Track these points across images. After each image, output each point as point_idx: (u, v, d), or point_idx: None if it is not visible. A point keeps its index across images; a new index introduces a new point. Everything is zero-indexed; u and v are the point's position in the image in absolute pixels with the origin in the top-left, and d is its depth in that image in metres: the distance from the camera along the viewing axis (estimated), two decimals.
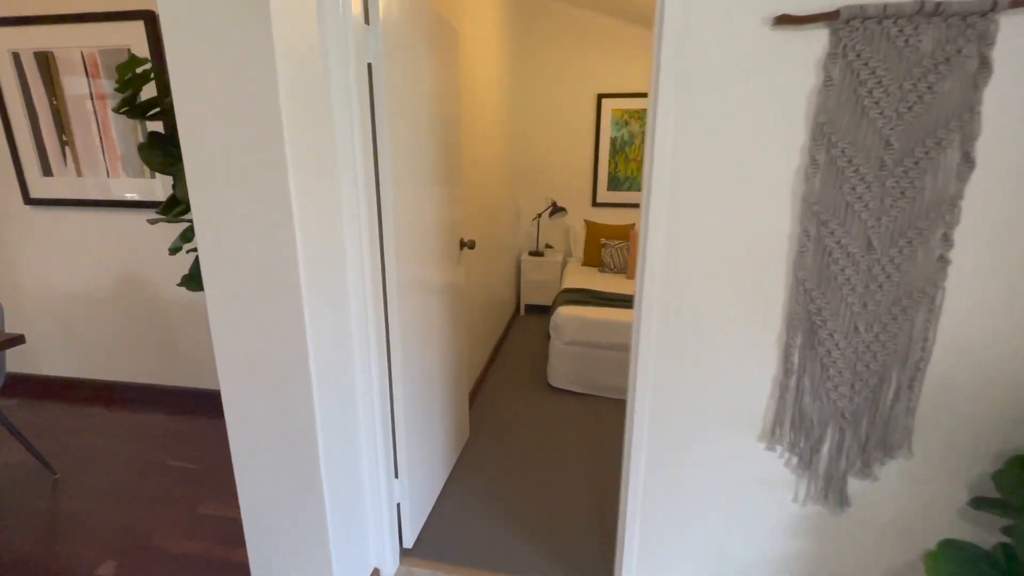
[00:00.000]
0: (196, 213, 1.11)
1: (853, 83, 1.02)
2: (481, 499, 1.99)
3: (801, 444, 1.23)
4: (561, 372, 2.87)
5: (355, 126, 1.24)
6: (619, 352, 2.76)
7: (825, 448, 1.23)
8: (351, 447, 1.39)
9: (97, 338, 2.61)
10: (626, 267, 3.85)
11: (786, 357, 1.19)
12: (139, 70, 1.45)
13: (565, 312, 2.79)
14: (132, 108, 1.48)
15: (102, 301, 2.55)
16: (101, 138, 2.30)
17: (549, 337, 2.97)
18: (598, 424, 2.56)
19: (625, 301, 2.94)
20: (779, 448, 1.26)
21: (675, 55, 1.09)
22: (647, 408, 1.31)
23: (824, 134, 1.05)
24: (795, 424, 1.22)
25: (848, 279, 1.11)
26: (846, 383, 1.17)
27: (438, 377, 1.90)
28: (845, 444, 1.21)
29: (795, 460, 1.26)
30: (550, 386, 2.95)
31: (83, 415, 2.54)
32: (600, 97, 4.08)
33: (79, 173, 2.37)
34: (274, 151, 1.03)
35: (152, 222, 1.57)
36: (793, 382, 1.20)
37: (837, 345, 1.15)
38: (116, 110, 1.46)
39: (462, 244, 2.08)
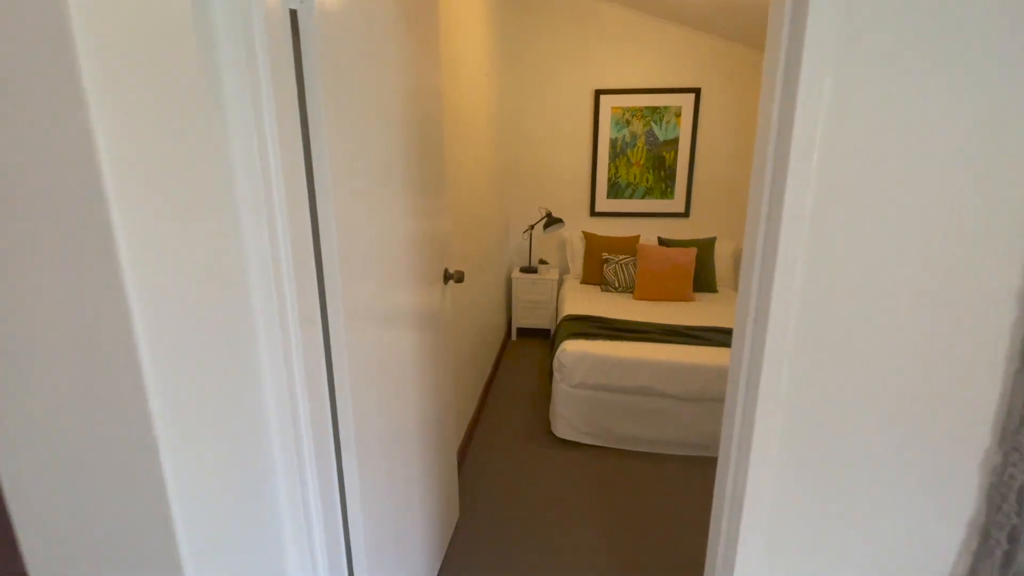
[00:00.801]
0: None
1: None
2: None
3: None
4: (568, 420, 2.37)
5: (264, 106, 0.73)
6: (639, 397, 2.28)
7: None
8: None
9: None
10: (633, 286, 3.38)
11: (997, 491, 0.72)
12: None
13: (572, 348, 2.30)
14: None
15: None
16: None
17: (550, 374, 2.48)
18: (620, 485, 2.07)
19: (641, 332, 2.47)
20: None
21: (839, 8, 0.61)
22: (759, 546, 0.82)
23: None
24: None
25: None
26: None
27: (416, 449, 1.38)
28: None
29: None
30: (555, 437, 2.45)
31: None
32: (598, 93, 3.62)
33: None
34: (75, 149, 0.51)
35: None
36: (1005, 534, 0.73)
37: None
38: None
39: (447, 276, 1.58)
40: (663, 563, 1.71)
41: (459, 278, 1.56)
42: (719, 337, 2.38)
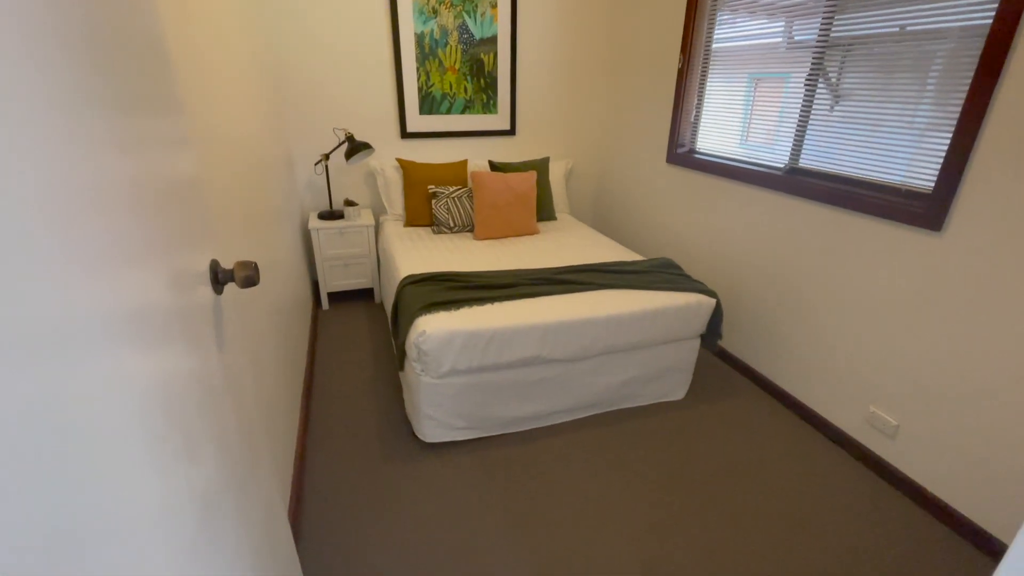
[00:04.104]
0: None
1: None
2: None
3: None
4: (440, 420, 1.79)
5: None
6: (523, 370, 1.81)
7: None
8: None
9: None
10: (471, 224, 2.81)
11: None
12: None
13: (434, 328, 1.66)
14: None
15: None
16: None
17: (400, 362, 1.83)
18: (520, 478, 1.63)
19: (510, 287, 1.95)
20: None
21: None
22: None
23: None
24: None
25: None
26: None
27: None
28: None
29: None
30: (423, 443, 1.85)
31: None
32: None
33: None
34: None
35: None
36: None
37: None
38: None
39: (217, 277, 0.75)
40: (602, 565, 1.36)
41: (248, 278, 0.75)
42: (594, 278, 2.03)
